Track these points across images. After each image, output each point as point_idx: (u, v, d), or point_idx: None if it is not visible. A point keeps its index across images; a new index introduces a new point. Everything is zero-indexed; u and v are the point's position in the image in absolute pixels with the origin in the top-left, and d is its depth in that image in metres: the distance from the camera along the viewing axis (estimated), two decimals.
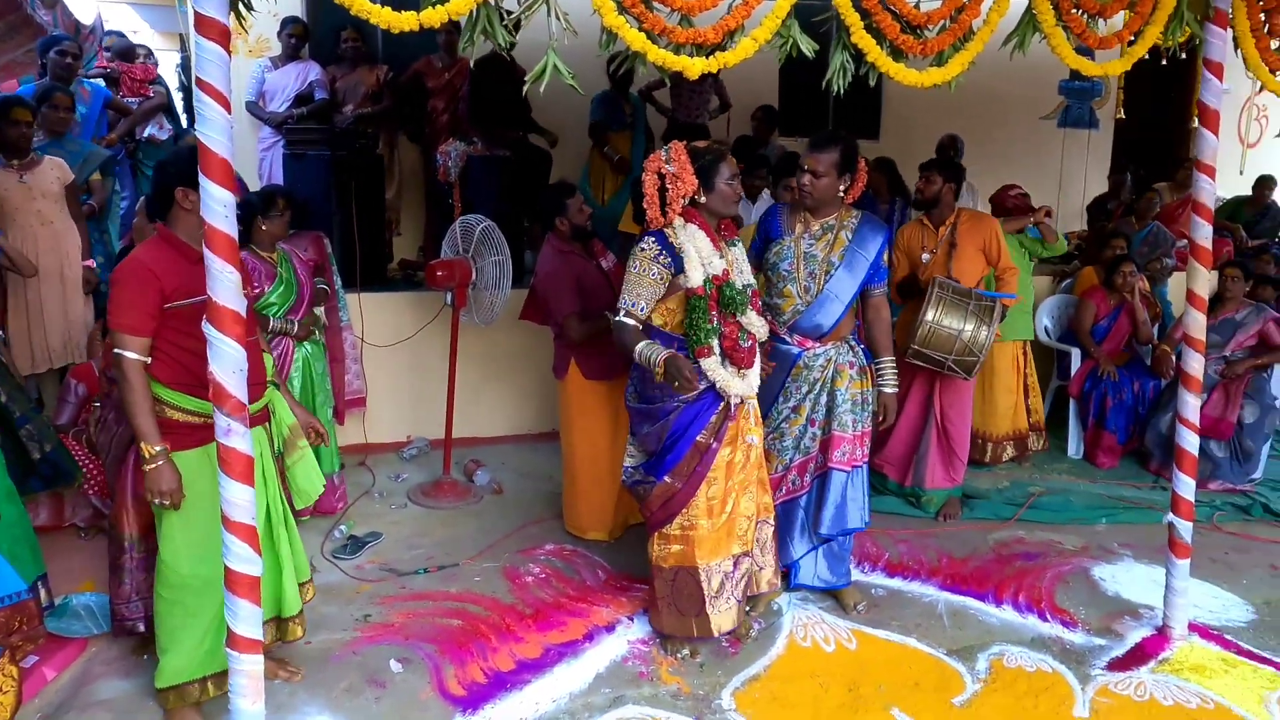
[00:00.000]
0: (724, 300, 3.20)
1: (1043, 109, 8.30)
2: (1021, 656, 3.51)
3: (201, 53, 2.40)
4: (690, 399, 3.24)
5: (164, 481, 2.74)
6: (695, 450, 3.26)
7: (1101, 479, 5.45)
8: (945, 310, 4.29)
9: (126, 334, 2.75)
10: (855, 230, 3.61)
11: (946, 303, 4.31)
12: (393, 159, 6.60)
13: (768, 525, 3.56)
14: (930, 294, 4.32)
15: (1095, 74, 3.40)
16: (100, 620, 3.42)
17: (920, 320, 4.28)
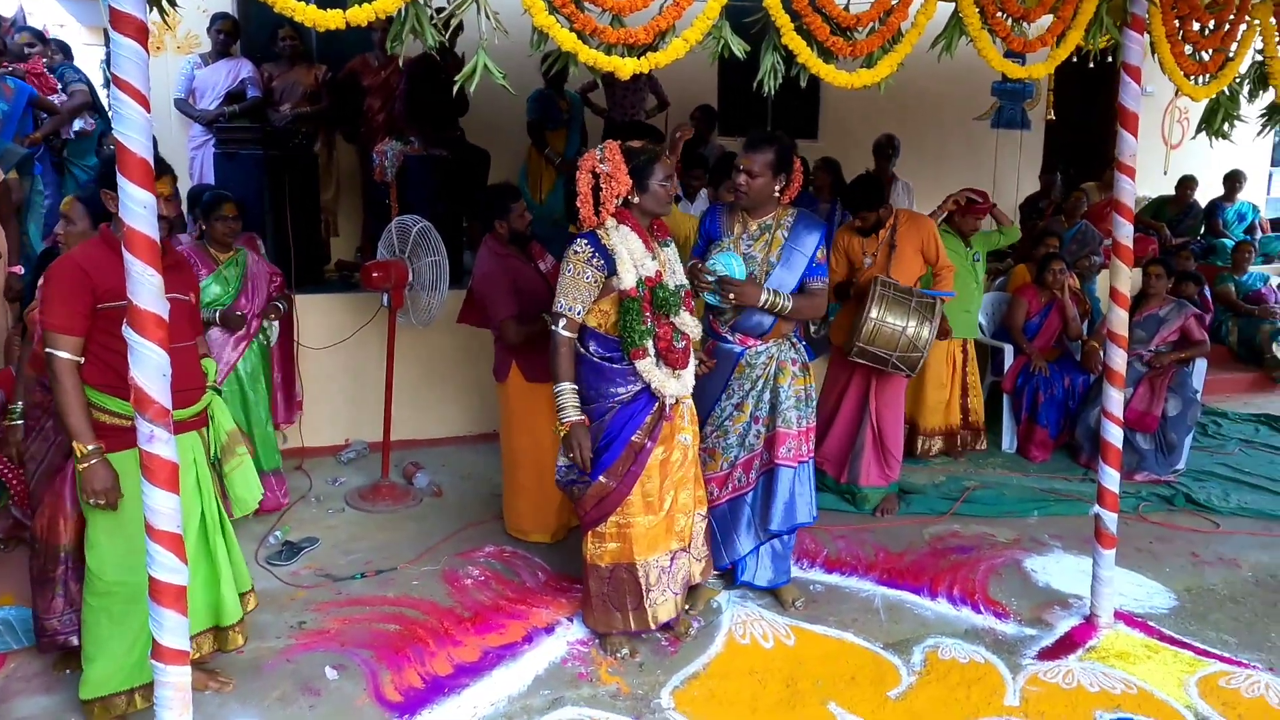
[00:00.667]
0: (657, 301, 3.21)
1: (977, 110, 8.47)
2: (955, 648, 3.58)
3: (118, 49, 2.34)
4: (626, 399, 3.26)
5: (98, 480, 2.69)
6: (630, 450, 3.27)
7: (1034, 472, 5.58)
8: (888, 308, 4.36)
9: (58, 333, 2.71)
10: (791, 229, 3.66)
11: (889, 301, 4.37)
12: (329, 159, 6.50)
13: (702, 518, 3.59)
14: (873, 292, 4.38)
15: (1020, 76, 3.47)
16: (20, 635, 3.32)
17: (864, 318, 4.34)
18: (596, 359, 3.27)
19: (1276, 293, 8.13)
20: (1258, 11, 3.75)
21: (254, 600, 3.27)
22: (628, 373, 3.24)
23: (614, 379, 3.26)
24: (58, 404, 2.73)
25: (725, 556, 3.80)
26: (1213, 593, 4.08)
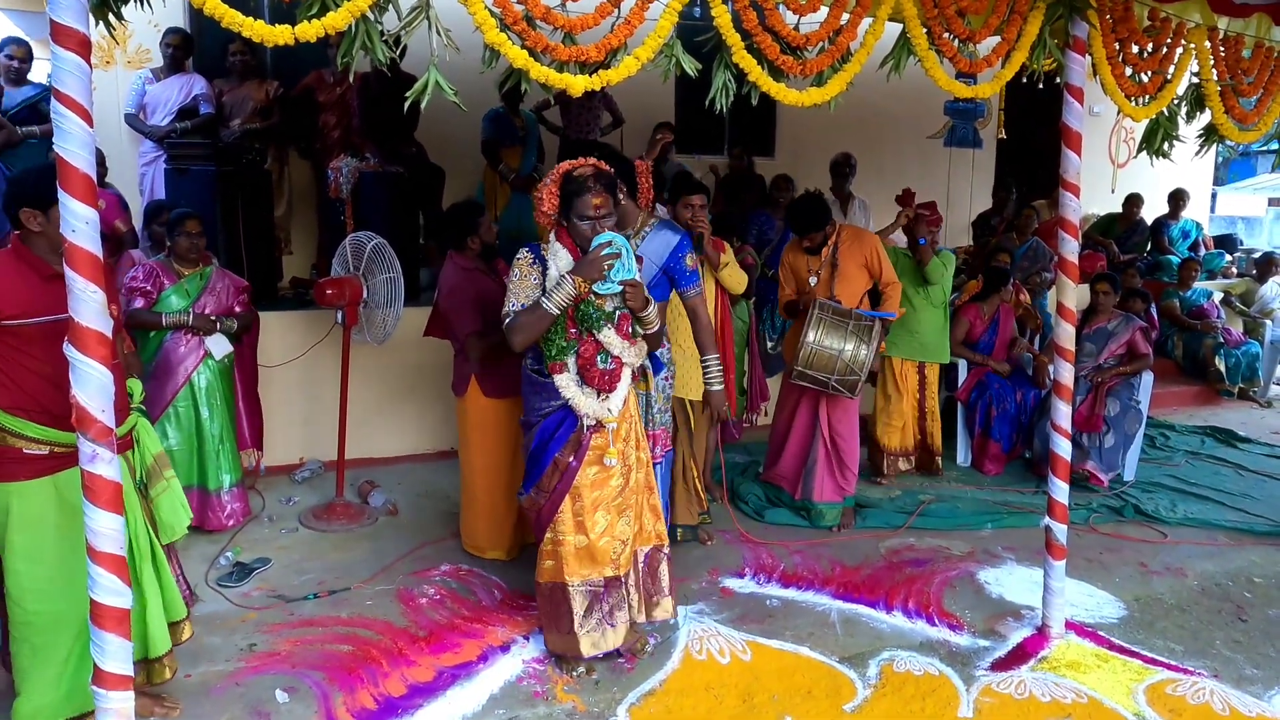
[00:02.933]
0: (580, 316, 3.21)
1: (931, 128, 8.60)
2: (910, 661, 3.61)
3: (59, 63, 2.30)
4: (548, 414, 3.29)
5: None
6: (554, 467, 3.29)
7: (988, 485, 5.66)
8: (825, 331, 4.42)
9: None
10: (646, 237, 3.72)
11: (826, 324, 4.43)
12: (282, 175, 6.44)
13: (661, 554, 3.56)
14: (810, 316, 4.44)
15: (967, 95, 3.54)
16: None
17: (801, 343, 4.41)
18: (529, 370, 3.35)
19: (1219, 308, 8.34)
20: (1193, 36, 3.86)
21: (189, 629, 3.17)
22: (551, 387, 3.25)
23: (540, 392, 3.30)
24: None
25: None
26: (1160, 602, 4.15)
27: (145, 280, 4.36)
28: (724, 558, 4.45)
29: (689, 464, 4.47)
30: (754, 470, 5.43)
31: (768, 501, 5.06)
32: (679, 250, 3.70)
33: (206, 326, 4.41)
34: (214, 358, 4.46)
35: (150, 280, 4.37)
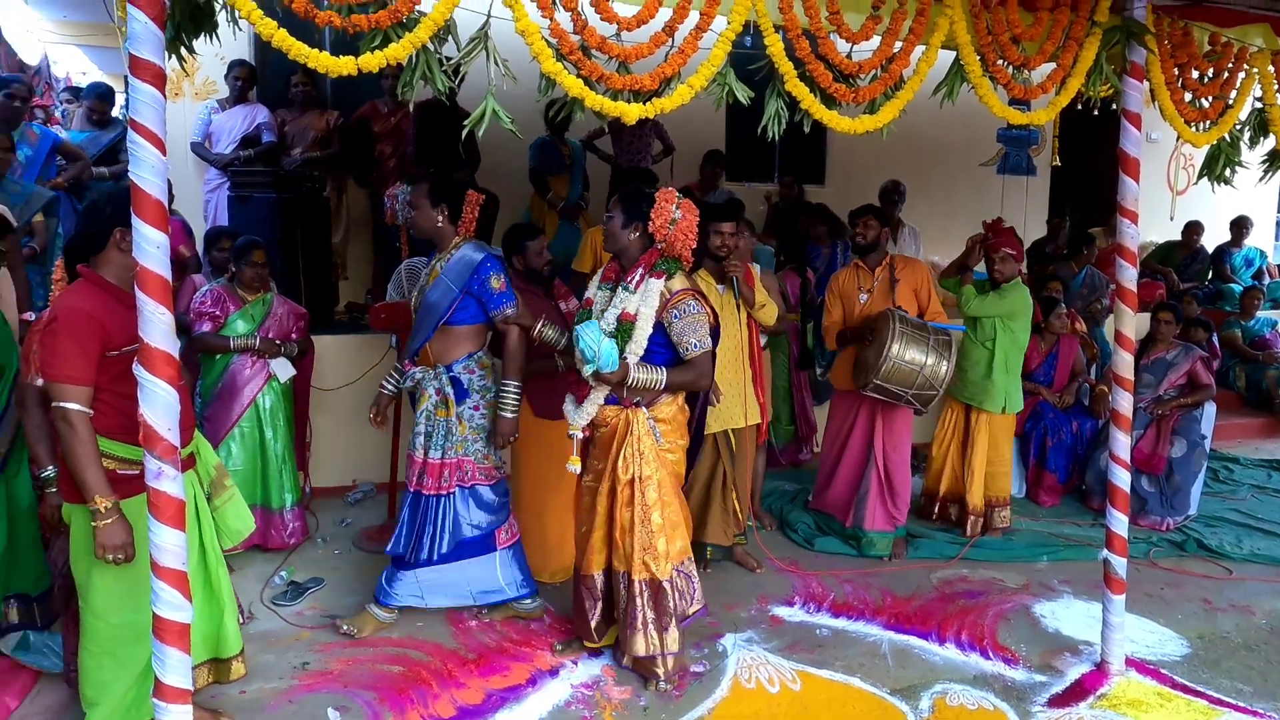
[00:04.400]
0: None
1: (982, 156, 8.55)
2: (964, 694, 3.54)
3: (136, 94, 2.40)
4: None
5: (116, 536, 2.64)
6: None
7: (1044, 517, 5.54)
8: (907, 344, 4.36)
9: (70, 384, 2.65)
10: (449, 260, 3.75)
11: (908, 337, 4.37)
12: (340, 202, 6.59)
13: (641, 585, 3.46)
14: (892, 328, 4.35)
15: (1022, 122, 3.52)
16: (57, 659, 3.33)
17: (885, 356, 4.32)
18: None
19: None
20: (1256, 60, 3.80)
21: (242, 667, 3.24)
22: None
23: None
24: (72, 459, 2.66)
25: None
26: (1226, 640, 4.02)
27: (213, 305, 4.47)
28: (773, 585, 4.41)
29: (729, 487, 4.45)
30: (803, 498, 5.39)
31: (817, 529, 5.02)
32: (481, 271, 3.67)
33: (272, 350, 4.52)
34: (279, 380, 4.57)
35: (218, 305, 4.49)
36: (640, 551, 3.42)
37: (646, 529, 3.42)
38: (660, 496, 3.44)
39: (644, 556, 3.43)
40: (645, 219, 3.42)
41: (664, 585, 3.44)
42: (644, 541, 3.42)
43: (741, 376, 4.38)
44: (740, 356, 4.38)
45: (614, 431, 3.45)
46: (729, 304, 4.32)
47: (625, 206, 3.47)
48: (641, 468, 3.41)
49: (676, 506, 3.53)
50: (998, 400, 5.07)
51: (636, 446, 3.41)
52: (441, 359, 3.75)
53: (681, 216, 3.40)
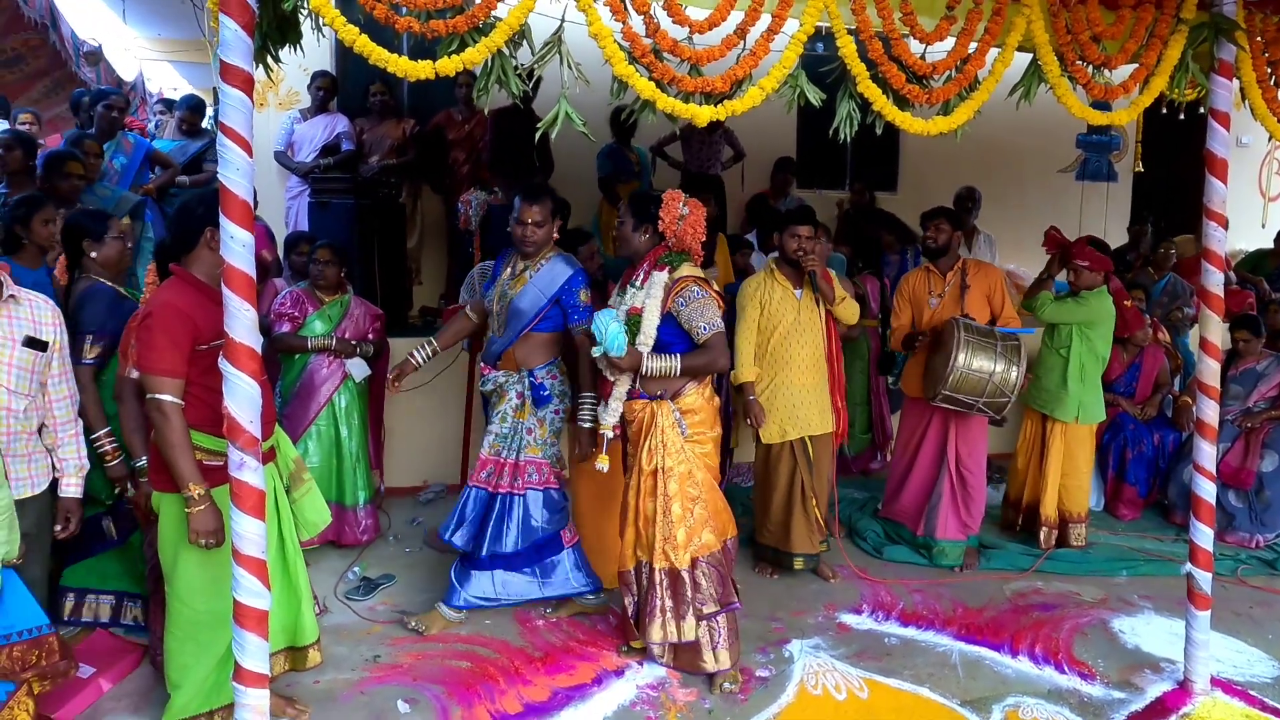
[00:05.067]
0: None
1: (1060, 162, 8.37)
2: (1037, 708, 3.45)
3: (225, 99, 2.50)
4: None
5: (209, 521, 2.76)
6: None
7: (1123, 531, 5.37)
8: (974, 353, 4.29)
9: (165, 377, 2.78)
10: (540, 269, 3.78)
11: (974, 345, 4.31)
12: (415, 209, 6.74)
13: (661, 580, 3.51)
14: (958, 337, 4.30)
15: (1100, 123, 3.44)
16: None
17: (951, 367, 4.27)
18: None
19: None
20: None
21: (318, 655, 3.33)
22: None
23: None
24: (166, 448, 2.78)
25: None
26: None
27: (292, 306, 4.62)
28: (841, 593, 4.37)
29: (809, 495, 4.41)
30: (872, 506, 5.32)
31: (887, 538, 4.95)
32: (572, 283, 3.77)
33: (348, 350, 4.64)
34: (354, 379, 4.68)
35: (296, 306, 4.63)
36: (660, 541, 3.47)
37: (667, 520, 3.46)
38: (682, 489, 3.47)
39: (664, 546, 3.47)
40: (654, 219, 3.51)
41: (682, 575, 3.47)
42: (664, 531, 3.47)
43: (820, 381, 4.35)
44: (819, 362, 4.35)
45: (640, 425, 3.52)
46: (807, 307, 4.31)
47: (635, 210, 3.59)
48: (664, 459, 3.45)
49: (707, 501, 3.52)
50: (1070, 409, 4.92)
51: (660, 438, 3.46)
52: (525, 364, 3.82)
53: (689, 212, 3.51)
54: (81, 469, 3.14)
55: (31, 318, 2.98)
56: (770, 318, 4.33)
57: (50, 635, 2.75)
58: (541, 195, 3.76)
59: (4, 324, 2.93)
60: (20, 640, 2.70)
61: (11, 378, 2.92)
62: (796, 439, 4.38)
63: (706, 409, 3.54)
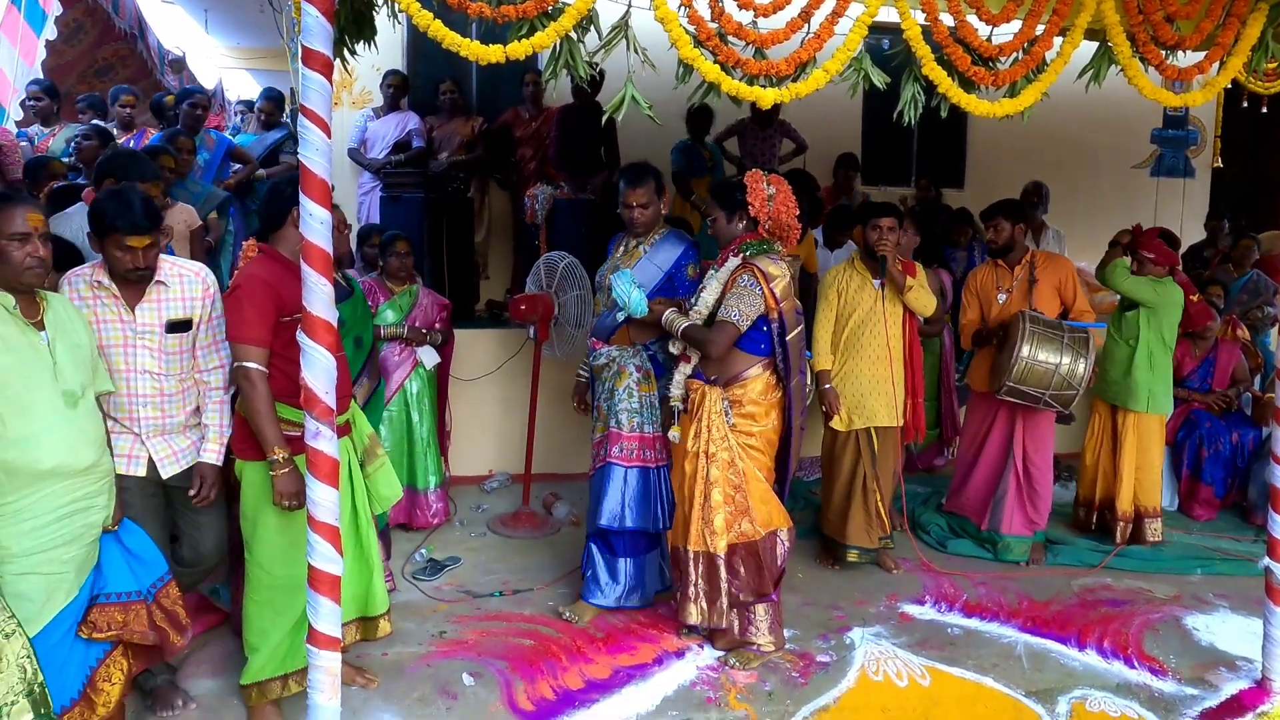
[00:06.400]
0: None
1: (1134, 158, 8.17)
2: (1105, 701, 3.40)
3: (307, 83, 2.60)
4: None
5: (292, 483, 2.88)
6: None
7: (1198, 531, 5.24)
8: (1039, 344, 4.25)
9: (252, 345, 2.90)
10: (655, 244, 3.82)
11: (1039, 336, 4.26)
12: (483, 204, 6.86)
13: (697, 560, 3.54)
14: (1022, 329, 4.26)
15: (1174, 104, 3.37)
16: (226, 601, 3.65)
17: (1015, 357, 4.23)
18: None
19: None
20: None
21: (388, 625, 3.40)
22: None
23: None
24: (252, 414, 2.90)
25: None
26: None
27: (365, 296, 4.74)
28: (903, 585, 4.34)
29: (871, 487, 4.40)
30: (936, 501, 5.26)
31: (951, 532, 4.89)
32: (684, 258, 3.80)
33: (419, 338, 4.76)
34: (425, 367, 4.80)
35: (369, 296, 4.75)
36: (699, 523, 3.49)
37: (707, 504, 3.48)
38: (724, 475, 3.48)
39: (702, 529, 3.49)
40: (744, 205, 3.50)
41: (717, 561, 3.48)
42: (703, 515, 3.48)
43: (889, 373, 4.33)
44: (888, 353, 4.33)
45: (693, 406, 3.55)
46: (884, 299, 4.32)
47: (721, 201, 3.58)
48: (707, 444, 3.47)
49: (750, 490, 3.51)
50: (1140, 399, 4.82)
51: (706, 422, 3.48)
52: (640, 339, 3.85)
53: (776, 190, 3.50)
54: (221, 436, 3.14)
55: (182, 296, 3.04)
56: (847, 306, 4.37)
57: (139, 603, 2.87)
58: (644, 177, 3.78)
59: (152, 309, 3.00)
60: (112, 602, 2.83)
61: (161, 363, 3.00)
62: (862, 429, 4.37)
63: (759, 403, 3.53)
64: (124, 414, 2.98)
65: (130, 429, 2.98)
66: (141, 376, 2.97)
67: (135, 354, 2.97)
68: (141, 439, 2.99)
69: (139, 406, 2.98)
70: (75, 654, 2.74)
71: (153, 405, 3.00)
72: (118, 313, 2.95)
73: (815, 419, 4.60)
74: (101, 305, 2.94)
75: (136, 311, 2.96)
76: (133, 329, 2.96)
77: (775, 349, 3.52)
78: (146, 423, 3.00)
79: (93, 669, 2.78)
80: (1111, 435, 4.97)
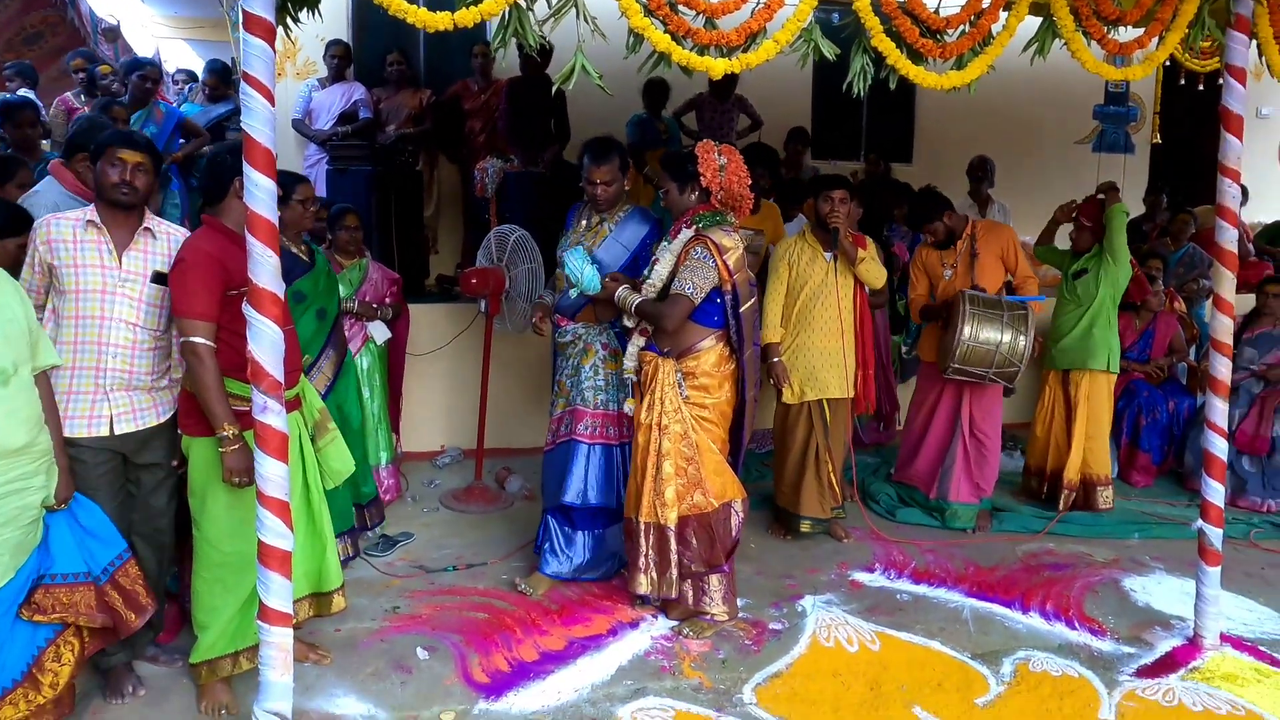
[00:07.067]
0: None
1: (1077, 133, 8.33)
2: (1047, 661, 3.50)
3: (248, 49, 2.54)
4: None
5: (241, 460, 2.82)
6: None
7: (1136, 497, 5.39)
8: (979, 325, 4.33)
9: (199, 320, 2.83)
10: (620, 223, 3.81)
11: (979, 317, 4.34)
12: (432, 178, 6.78)
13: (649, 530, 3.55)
14: (962, 310, 4.34)
15: (1116, 79, 3.43)
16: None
17: (957, 340, 4.32)
18: None
19: None
20: None
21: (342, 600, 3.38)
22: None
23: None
24: (200, 389, 2.84)
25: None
26: None
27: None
28: (854, 553, 4.41)
29: (823, 459, 4.45)
30: (885, 471, 5.35)
31: (900, 501, 4.98)
32: (650, 237, 3.79)
33: (369, 313, 4.68)
34: (375, 342, 4.73)
35: None
36: (650, 495, 3.51)
37: (658, 476, 3.49)
38: (676, 448, 3.50)
39: (653, 500, 3.51)
40: (695, 176, 3.50)
41: (667, 532, 3.51)
42: (654, 486, 3.50)
43: (840, 345, 4.37)
44: (839, 325, 4.37)
45: (646, 378, 3.56)
46: (835, 271, 4.34)
47: (673, 172, 3.57)
48: (660, 416, 3.48)
49: (702, 463, 3.54)
50: (1100, 356, 4.92)
51: (659, 394, 3.49)
52: (605, 316, 3.82)
53: (727, 161, 3.49)
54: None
55: (167, 251, 3.00)
56: (798, 279, 4.38)
57: (87, 584, 2.81)
58: (609, 153, 3.74)
59: (140, 258, 2.96)
60: (58, 584, 2.77)
61: (140, 313, 2.94)
62: (814, 401, 4.42)
63: (713, 375, 3.55)
64: (89, 363, 2.90)
65: (94, 381, 2.91)
66: (117, 325, 2.91)
67: (114, 302, 2.91)
68: (105, 391, 2.92)
69: (108, 356, 2.91)
70: (18, 635, 2.69)
71: (123, 357, 2.93)
72: (100, 258, 2.90)
73: (768, 391, 4.63)
74: (83, 249, 2.88)
75: (124, 258, 2.92)
76: (115, 275, 2.91)
77: (729, 321, 3.53)
78: (113, 374, 2.93)
79: (40, 649, 2.73)
80: (1065, 404, 5.07)
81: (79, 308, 2.87)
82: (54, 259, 2.86)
